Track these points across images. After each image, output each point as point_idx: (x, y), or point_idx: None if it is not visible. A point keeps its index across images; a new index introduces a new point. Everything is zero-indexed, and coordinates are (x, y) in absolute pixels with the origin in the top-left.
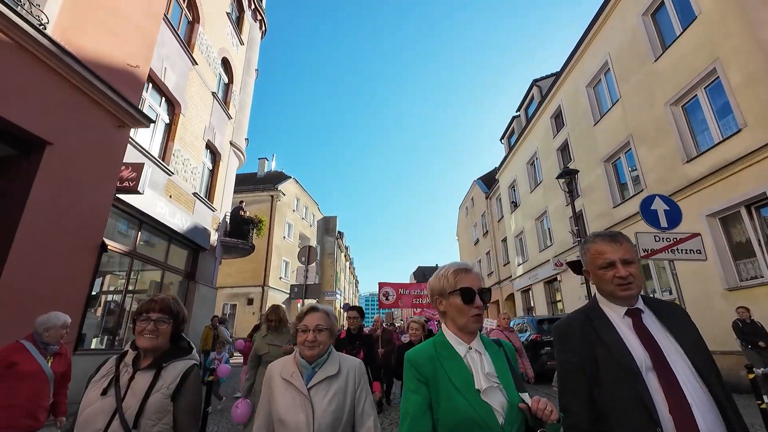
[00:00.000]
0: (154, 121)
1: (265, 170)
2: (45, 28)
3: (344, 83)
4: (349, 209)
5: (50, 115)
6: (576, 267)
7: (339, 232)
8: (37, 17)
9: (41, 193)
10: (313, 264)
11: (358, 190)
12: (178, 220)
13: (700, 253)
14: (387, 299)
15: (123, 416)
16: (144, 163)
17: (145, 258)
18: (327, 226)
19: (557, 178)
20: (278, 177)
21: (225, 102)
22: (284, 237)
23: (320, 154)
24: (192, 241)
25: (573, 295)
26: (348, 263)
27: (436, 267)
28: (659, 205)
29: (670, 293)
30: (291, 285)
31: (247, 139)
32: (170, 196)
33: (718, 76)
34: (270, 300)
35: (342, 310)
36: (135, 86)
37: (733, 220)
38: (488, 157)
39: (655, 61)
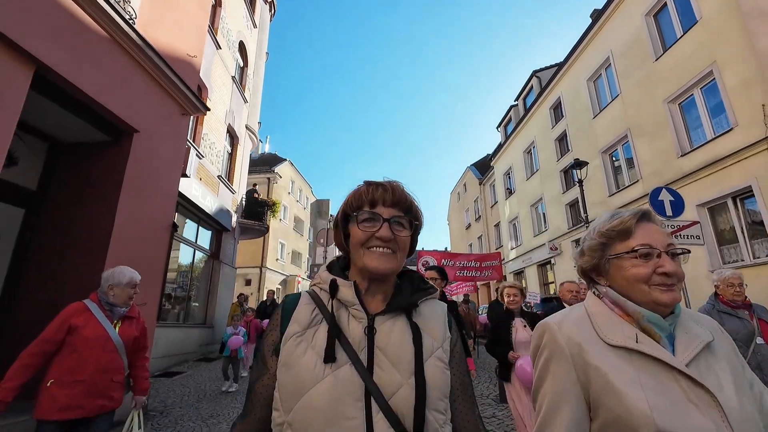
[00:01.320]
0: (209, 109)
1: (260, 152)
2: (134, 23)
3: (338, 66)
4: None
5: (136, 104)
6: None
7: (331, 216)
8: (127, 12)
9: (132, 179)
10: (332, 245)
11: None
12: (208, 202)
13: (699, 238)
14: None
15: (386, 404)
16: (190, 148)
17: (181, 238)
18: (320, 209)
19: (570, 168)
20: (273, 159)
21: (241, 85)
22: (280, 219)
23: (312, 136)
24: (218, 222)
25: (566, 276)
26: None
27: (423, 250)
28: (665, 196)
29: None
30: (311, 265)
31: (259, 123)
32: (200, 179)
33: (714, 78)
34: (267, 281)
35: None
36: (193, 75)
37: (719, 209)
38: (482, 144)
39: (656, 60)
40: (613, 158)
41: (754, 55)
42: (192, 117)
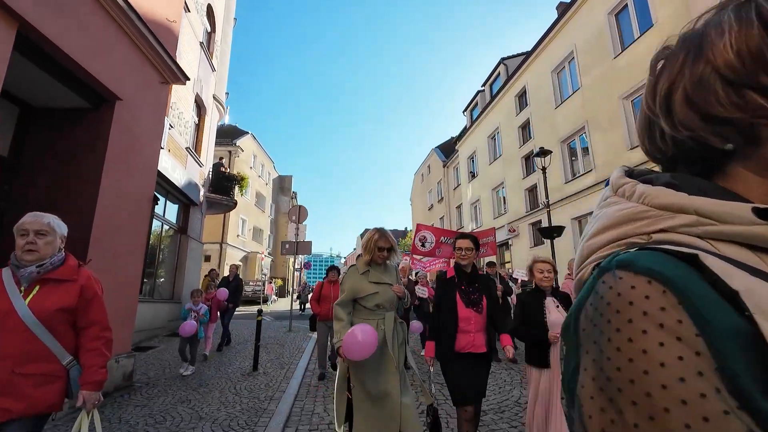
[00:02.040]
0: (189, 78)
1: (219, 123)
2: None
3: (304, 41)
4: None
5: (119, 71)
6: (546, 233)
7: (293, 192)
8: None
9: (115, 148)
10: (304, 222)
11: (313, 151)
12: (178, 174)
13: None
14: (423, 246)
15: None
16: (165, 117)
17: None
18: (282, 185)
19: (534, 156)
20: (234, 132)
21: (209, 53)
22: (242, 194)
23: (274, 110)
24: (186, 196)
25: (521, 257)
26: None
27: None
28: None
29: None
30: (282, 242)
31: (227, 93)
32: (169, 150)
33: None
34: (228, 258)
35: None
36: (172, 41)
37: None
38: (448, 126)
39: (615, 58)
40: (571, 147)
41: None
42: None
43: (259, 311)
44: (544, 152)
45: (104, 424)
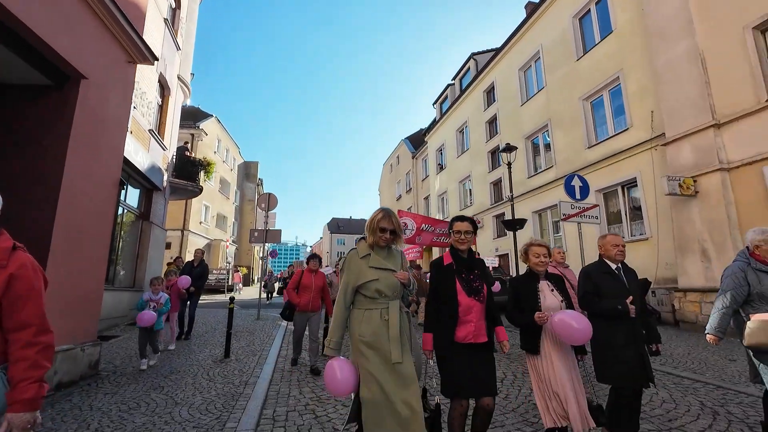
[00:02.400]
0: (158, 59)
1: (182, 105)
2: None
3: (270, 24)
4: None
5: (84, 48)
6: (509, 225)
7: (260, 179)
8: None
9: (81, 128)
10: (274, 210)
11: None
12: (140, 158)
13: (597, 218)
14: (404, 233)
15: None
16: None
17: None
18: (248, 171)
19: (501, 152)
20: (197, 114)
21: (174, 30)
22: (208, 179)
23: (240, 94)
24: (149, 180)
25: (485, 248)
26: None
27: (351, 219)
28: (576, 182)
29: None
30: (251, 230)
31: (192, 74)
32: (131, 132)
33: (620, 83)
34: (190, 245)
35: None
36: (139, 18)
37: (611, 195)
38: (417, 117)
39: (577, 60)
40: (534, 144)
41: (651, 68)
42: None
43: (231, 299)
44: (509, 148)
45: (75, 411)
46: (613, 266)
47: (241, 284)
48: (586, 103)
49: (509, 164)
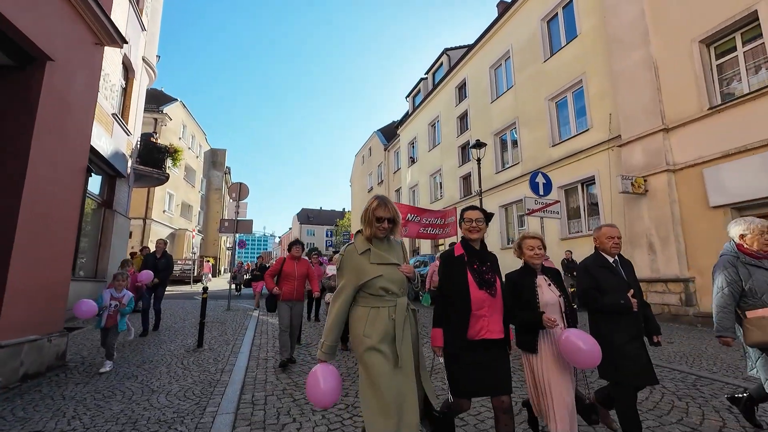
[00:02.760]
0: (127, 42)
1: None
2: None
3: (240, 9)
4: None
5: (50, 28)
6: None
7: (227, 167)
8: None
9: (46, 112)
10: (245, 200)
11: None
12: (103, 143)
13: (558, 213)
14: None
15: None
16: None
17: None
18: (215, 159)
19: (471, 147)
20: (160, 97)
21: (139, 9)
22: (175, 166)
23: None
24: (112, 167)
25: (451, 240)
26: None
27: (321, 210)
28: (540, 179)
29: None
30: (221, 219)
31: (158, 56)
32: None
33: (582, 86)
34: (153, 234)
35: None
36: None
37: (572, 191)
38: (390, 109)
39: (545, 61)
40: (503, 140)
41: (610, 73)
42: None
43: (204, 289)
44: (479, 144)
45: (47, 401)
46: (610, 259)
47: (210, 274)
48: (552, 103)
49: (478, 160)
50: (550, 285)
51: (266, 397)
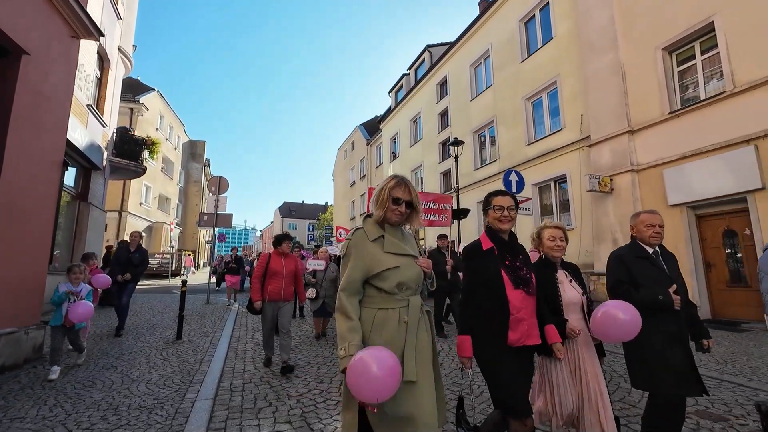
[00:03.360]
0: (104, 35)
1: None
2: None
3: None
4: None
5: (25, 21)
6: (455, 215)
7: (207, 159)
8: None
9: (22, 106)
10: (225, 194)
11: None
12: (78, 134)
13: (529, 210)
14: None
15: None
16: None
17: None
18: (193, 151)
19: (450, 145)
20: (136, 87)
21: None
22: (153, 159)
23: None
24: (87, 159)
25: (435, 234)
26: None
27: (303, 204)
28: (513, 177)
29: None
30: (200, 213)
31: (135, 46)
32: None
33: (557, 87)
34: (129, 227)
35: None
36: None
37: (545, 189)
38: (372, 105)
39: (522, 61)
40: (481, 138)
41: (582, 75)
42: None
43: (184, 282)
44: (457, 142)
45: (26, 391)
46: (650, 250)
47: (193, 267)
48: (528, 102)
49: (456, 158)
50: (571, 281)
51: (244, 385)
